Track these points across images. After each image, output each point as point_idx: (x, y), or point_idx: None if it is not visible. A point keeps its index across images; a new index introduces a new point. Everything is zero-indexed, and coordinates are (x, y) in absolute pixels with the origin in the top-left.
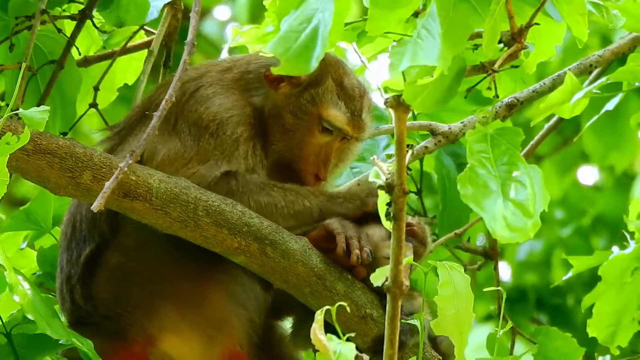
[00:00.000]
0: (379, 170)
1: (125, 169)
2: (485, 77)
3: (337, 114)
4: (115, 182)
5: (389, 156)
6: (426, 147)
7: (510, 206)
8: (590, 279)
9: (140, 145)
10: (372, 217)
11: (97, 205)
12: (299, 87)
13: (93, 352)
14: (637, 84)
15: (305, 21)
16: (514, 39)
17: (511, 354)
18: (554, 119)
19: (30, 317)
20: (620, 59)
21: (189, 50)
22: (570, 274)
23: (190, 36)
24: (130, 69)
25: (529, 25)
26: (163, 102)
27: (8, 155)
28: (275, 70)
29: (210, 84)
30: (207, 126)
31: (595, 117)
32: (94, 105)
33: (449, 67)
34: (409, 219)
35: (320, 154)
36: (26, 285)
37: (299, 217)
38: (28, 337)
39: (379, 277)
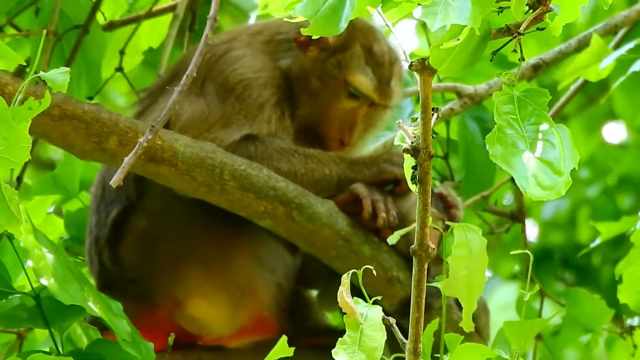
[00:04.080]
0: (405, 133)
1: (145, 143)
2: (510, 40)
3: (363, 80)
4: (135, 156)
5: (414, 119)
6: (452, 109)
7: (540, 164)
8: (616, 239)
9: (163, 117)
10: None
11: (115, 181)
12: (327, 51)
13: (122, 314)
14: None
15: None
16: (539, 1)
17: (540, 316)
18: (580, 80)
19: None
20: None
21: (211, 25)
22: (598, 241)
23: (212, 11)
24: (155, 33)
25: None
26: (184, 77)
27: (30, 121)
28: (305, 32)
29: (240, 47)
30: (234, 88)
31: (622, 78)
32: (119, 69)
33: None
34: (440, 189)
35: (346, 120)
36: (45, 250)
37: (318, 185)
38: (57, 302)
39: (395, 238)
